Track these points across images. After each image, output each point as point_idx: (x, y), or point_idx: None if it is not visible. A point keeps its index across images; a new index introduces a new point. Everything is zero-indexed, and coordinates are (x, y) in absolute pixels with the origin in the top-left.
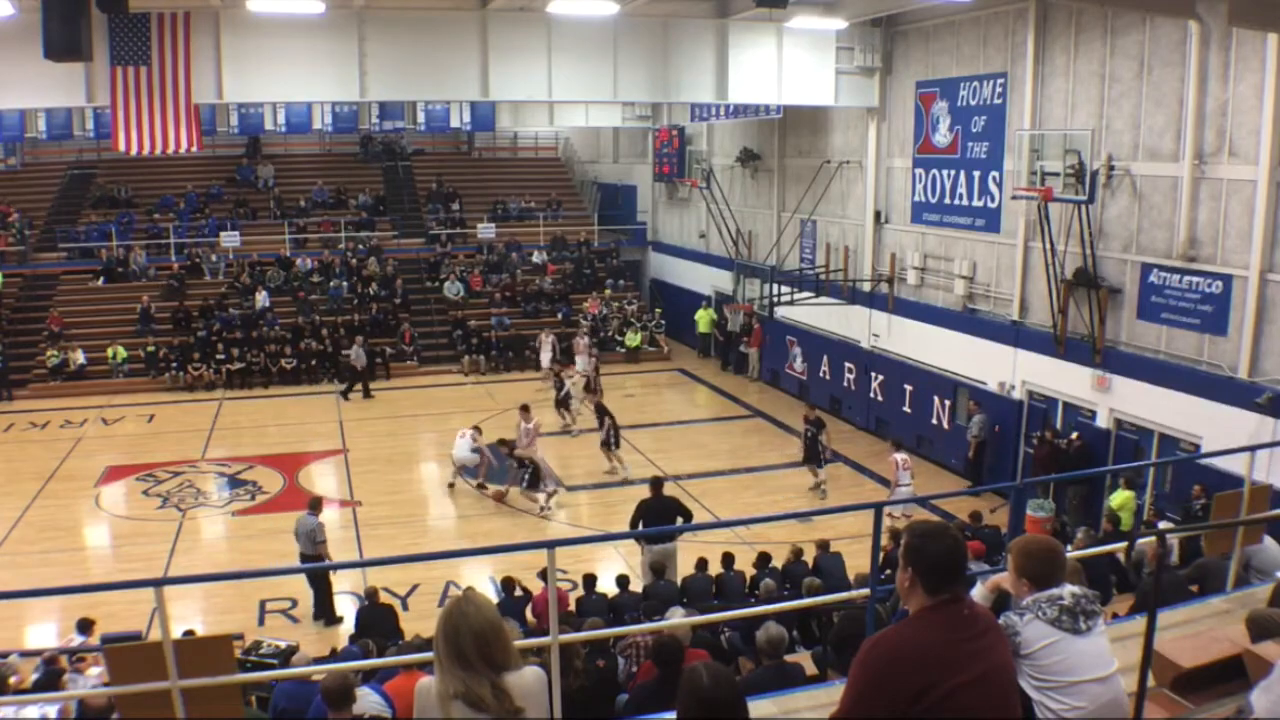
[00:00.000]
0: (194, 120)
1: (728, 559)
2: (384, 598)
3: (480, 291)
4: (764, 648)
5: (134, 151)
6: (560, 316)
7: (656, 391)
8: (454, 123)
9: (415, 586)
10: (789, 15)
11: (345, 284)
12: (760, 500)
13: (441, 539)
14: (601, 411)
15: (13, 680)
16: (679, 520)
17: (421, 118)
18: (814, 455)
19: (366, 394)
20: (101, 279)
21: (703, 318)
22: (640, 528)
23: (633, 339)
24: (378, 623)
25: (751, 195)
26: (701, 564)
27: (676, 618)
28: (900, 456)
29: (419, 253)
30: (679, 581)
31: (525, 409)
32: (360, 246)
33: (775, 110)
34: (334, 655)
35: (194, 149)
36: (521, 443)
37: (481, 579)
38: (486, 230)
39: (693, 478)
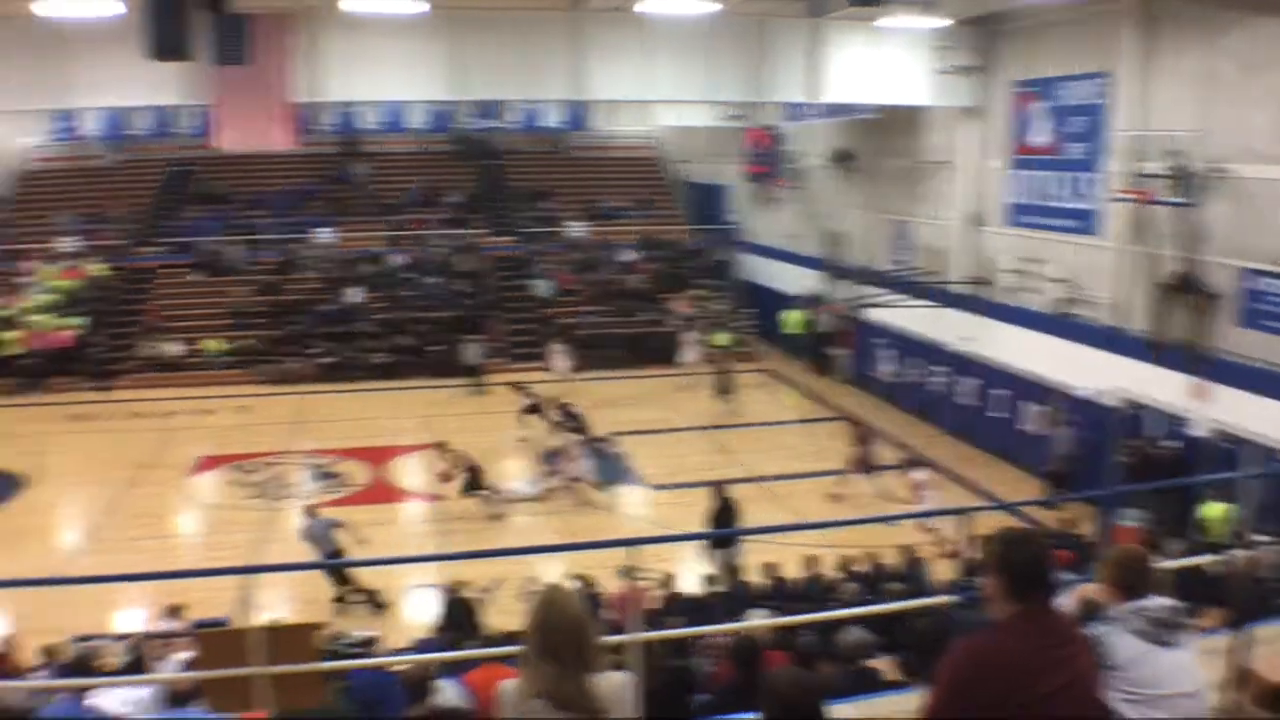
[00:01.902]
0: (292, 118)
1: (810, 562)
2: (467, 591)
3: (571, 290)
4: (845, 651)
5: (233, 149)
6: (649, 316)
7: (744, 392)
8: (548, 121)
9: (500, 581)
10: (885, 14)
11: (436, 281)
12: (842, 504)
13: (523, 535)
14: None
15: (101, 663)
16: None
17: (515, 116)
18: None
19: (479, 390)
20: (199, 273)
21: (792, 319)
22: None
23: (722, 339)
24: (460, 616)
25: (844, 195)
26: (774, 568)
27: (756, 619)
28: (919, 476)
29: (510, 250)
30: (754, 583)
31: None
32: (453, 243)
33: (870, 110)
34: (414, 646)
35: (291, 146)
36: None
37: (562, 576)
38: (577, 228)
39: (778, 479)
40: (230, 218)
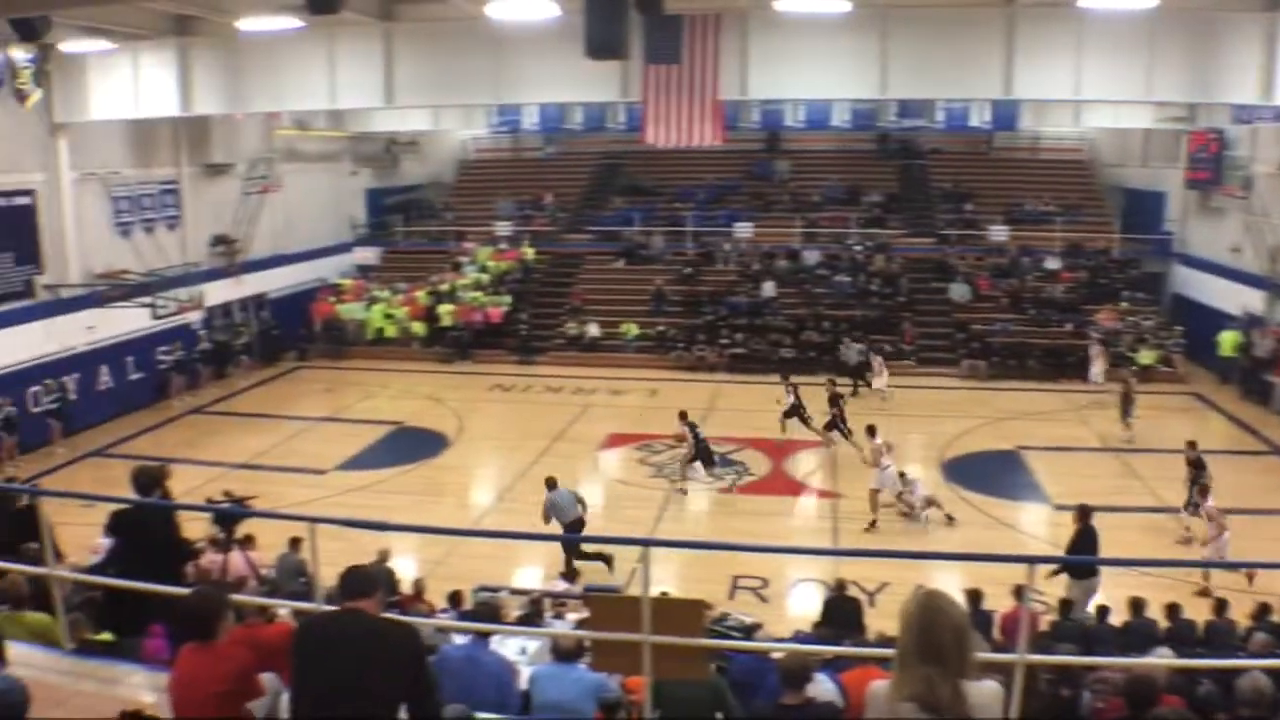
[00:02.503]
0: (718, 115)
1: (1220, 605)
2: (852, 591)
3: (987, 295)
4: (1247, 697)
5: (661, 144)
6: (1070, 327)
7: (1164, 415)
8: (973, 121)
9: (885, 585)
10: None
11: (850, 279)
12: (1259, 545)
13: (912, 542)
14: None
15: (500, 613)
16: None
17: (940, 116)
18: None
19: (854, 391)
20: (622, 261)
21: (1227, 340)
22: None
23: (1146, 357)
24: (843, 614)
25: None
26: (1139, 604)
27: (1157, 658)
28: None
29: (927, 252)
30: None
31: (871, 429)
32: (868, 243)
33: None
34: (795, 637)
35: (716, 143)
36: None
37: (951, 587)
38: (999, 232)
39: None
40: (654, 209)
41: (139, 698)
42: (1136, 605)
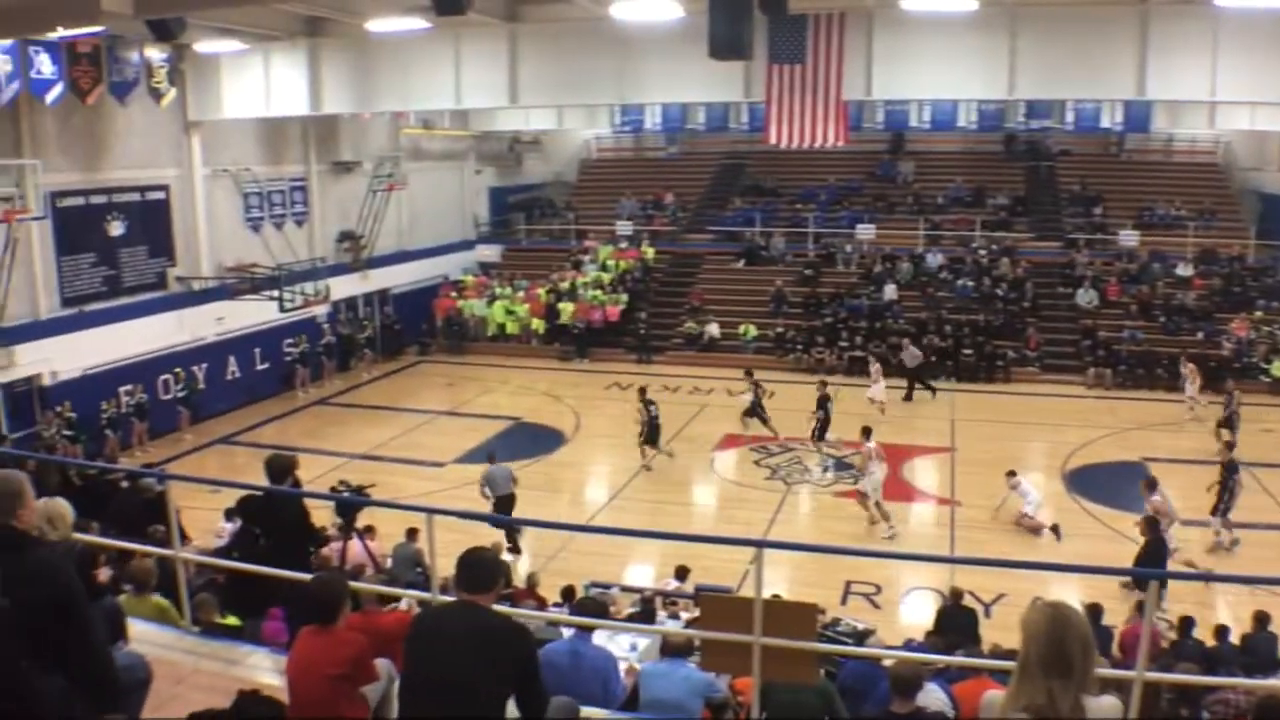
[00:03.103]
0: (842, 116)
1: None
2: (968, 601)
3: (1115, 301)
4: None
5: (784, 144)
6: (1201, 335)
7: None
8: (1104, 122)
9: (1001, 596)
10: None
11: (973, 283)
12: None
13: (1035, 551)
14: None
15: (611, 610)
16: None
17: (1070, 117)
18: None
19: (929, 389)
20: (741, 261)
21: None
22: None
23: (1279, 368)
24: (958, 624)
25: None
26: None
27: None
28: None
29: (1053, 256)
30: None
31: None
32: (993, 246)
33: None
34: (907, 645)
35: (840, 143)
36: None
37: (1070, 601)
38: (1128, 237)
39: None
40: (776, 210)
41: (257, 678)
42: (1261, 619)
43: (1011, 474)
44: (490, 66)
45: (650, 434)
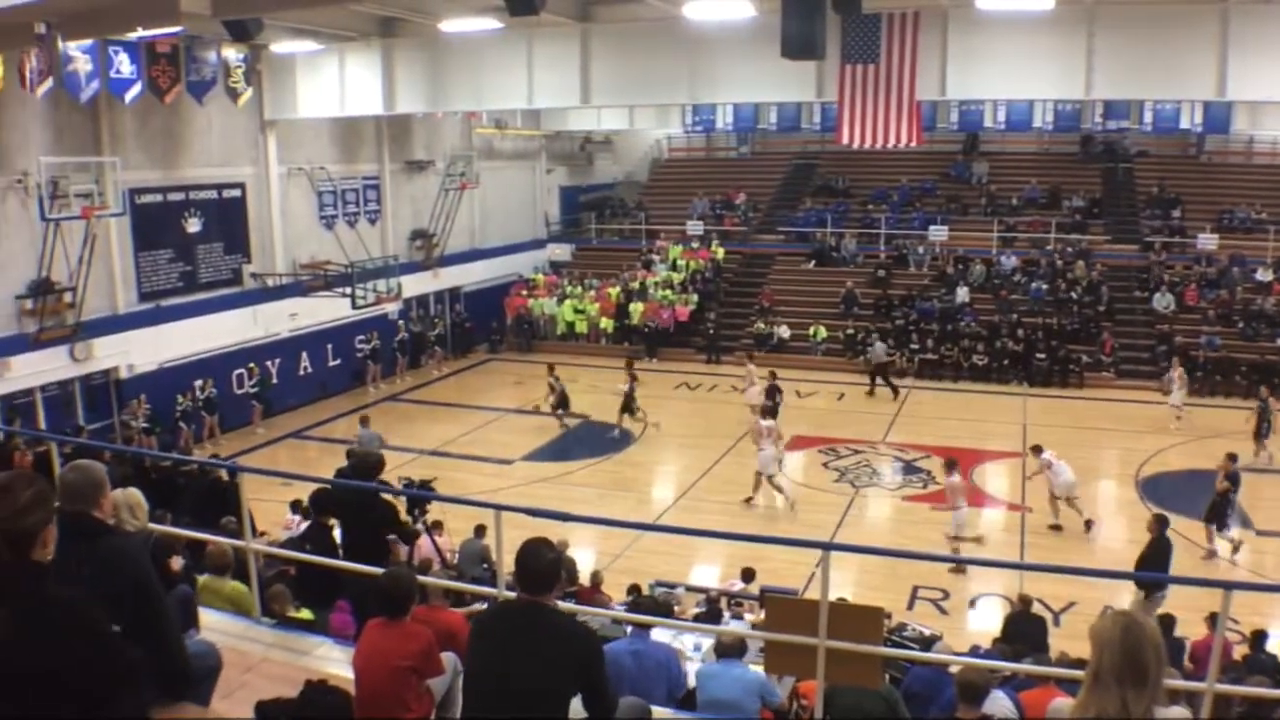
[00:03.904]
0: (915, 116)
1: None
2: (1037, 608)
3: (1193, 306)
4: None
5: (856, 144)
6: None
7: None
8: (1183, 123)
9: (1071, 604)
10: None
11: (1047, 286)
12: None
13: (1104, 559)
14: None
15: (676, 609)
16: None
17: (1148, 117)
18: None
19: (892, 389)
20: (812, 262)
21: None
22: None
23: None
24: (1026, 631)
25: None
26: None
27: None
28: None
29: (1130, 259)
30: None
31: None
32: (1068, 249)
33: None
34: (973, 652)
35: (913, 144)
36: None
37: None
38: (1207, 240)
39: None
40: (847, 210)
41: (325, 669)
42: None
43: (1038, 449)
44: (562, 66)
45: (560, 402)
